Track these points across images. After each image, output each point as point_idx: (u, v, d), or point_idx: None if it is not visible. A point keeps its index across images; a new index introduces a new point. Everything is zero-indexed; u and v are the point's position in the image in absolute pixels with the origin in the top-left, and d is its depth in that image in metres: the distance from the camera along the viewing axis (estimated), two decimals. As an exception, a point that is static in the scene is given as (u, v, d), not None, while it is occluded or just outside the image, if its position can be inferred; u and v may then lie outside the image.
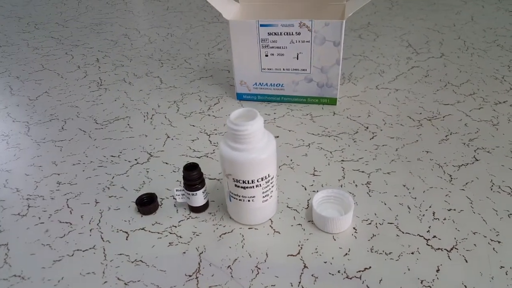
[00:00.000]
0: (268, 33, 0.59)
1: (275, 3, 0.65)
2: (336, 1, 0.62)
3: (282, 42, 0.59)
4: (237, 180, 0.40)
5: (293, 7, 0.64)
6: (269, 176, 0.41)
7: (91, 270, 0.40)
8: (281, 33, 0.58)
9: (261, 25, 0.58)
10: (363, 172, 0.50)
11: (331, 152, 0.54)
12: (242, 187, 0.40)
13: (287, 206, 0.46)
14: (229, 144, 0.39)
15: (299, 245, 0.41)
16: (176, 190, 0.45)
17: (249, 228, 0.44)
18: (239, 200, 0.42)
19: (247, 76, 0.64)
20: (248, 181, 0.40)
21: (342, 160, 0.53)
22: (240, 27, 0.59)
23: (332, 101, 0.64)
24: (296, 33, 0.58)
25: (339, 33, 0.56)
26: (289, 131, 0.59)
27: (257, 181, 0.40)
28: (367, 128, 0.58)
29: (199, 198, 0.45)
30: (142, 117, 0.65)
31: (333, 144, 0.56)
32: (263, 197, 0.42)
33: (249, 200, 0.42)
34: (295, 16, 0.61)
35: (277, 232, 0.43)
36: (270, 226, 0.44)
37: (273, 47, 0.60)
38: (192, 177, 0.43)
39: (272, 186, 0.42)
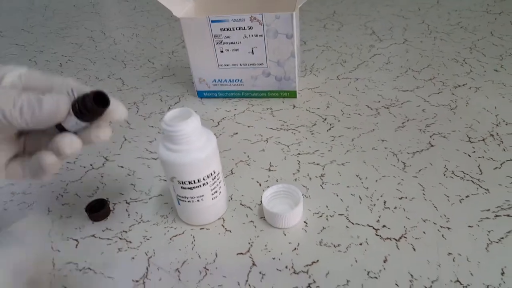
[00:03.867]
0: (220, 29, 0.58)
1: (229, -3, 0.64)
2: (288, -8, 0.62)
3: (235, 37, 0.58)
4: (182, 182, 0.39)
5: (247, 1, 0.63)
6: (214, 173, 0.40)
7: (39, 281, 0.40)
8: (233, 28, 0.57)
9: (213, 21, 0.57)
10: (317, 164, 0.50)
11: (288, 146, 0.54)
12: (189, 188, 0.40)
13: (241, 204, 0.46)
14: (167, 146, 0.38)
15: (249, 243, 0.41)
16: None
17: (200, 229, 0.43)
18: (188, 201, 0.41)
19: (205, 74, 0.64)
20: (194, 181, 0.39)
21: (298, 154, 0.52)
22: (192, 24, 0.59)
23: (292, 94, 0.63)
24: (248, 27, 0.57)
25: (290, 26, 0.55)
26: (248, 126, 0.59)
27: (203, 179, 0.40)
28: (325, 119, 0.58)
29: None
30: (102, 120, 0.64)
31: (290, 138, 0.55)
32: (212, 194, 0.41)
33: (198, 200, 0.41)
34: (249, 10, 0.60)
35: (228, 231, 0.43)
36: (222, 225, 0.43)
37: (227, 42, 0.59)
38: None
39: (219, 182, 0.42)
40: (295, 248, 0.40)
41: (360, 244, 0.39)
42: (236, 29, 0.57)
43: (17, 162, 0.33)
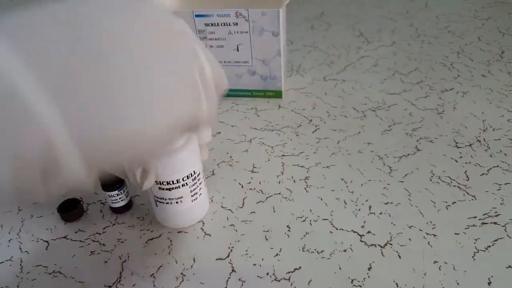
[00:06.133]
0: (204, 24, 0.56)
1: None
2: (276, -11, 0.60)
3: (220, 33, 0.57)
4: (160, 182, 0.37)
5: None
6: (195, 173, 0.38)
7: (4, 285, 0.37)
8: (218, 24, 0.56)
9: (197, 16, 0.55)
10: (302, 166, 0.48)
11: (272, 147, 0.52)
12: (167, 189, 0.38)
13: (222, 206, 0.44)
14: (144, 144, 0.36)
15: (229, 248, 0.39)
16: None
17: (178, 232, 0.41)
18: (166, 203, 0.39)
19: (189, 70, 0.62)
20: (173, 182, 0.37)
21: (283, 155, 0.51)
22: (176, 19, 0.56)
23: (278, 94, 0.62)
24: (233, 23, 0.55)
25: (276, 23, 0.54)
26: (232, 126, 0.57)
27: (183, 179, 0.38)
28: (311, 121, 0.56)
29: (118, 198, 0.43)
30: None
31: (275, 139, 0.54)
32: (192, 195, 0.39)
33: (177, 202, 0.39)
34: (235, 5, 0.58)
35: (207, 234, 0.41)
36: (201, 228, 0.42)
37: (211, 38, 0.57)
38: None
39: (200, 183, 0.40)
40: (277, 254, 0.38)
41: (344, 250, 0.38)
42: (221, 24, 0.56)
43: None
